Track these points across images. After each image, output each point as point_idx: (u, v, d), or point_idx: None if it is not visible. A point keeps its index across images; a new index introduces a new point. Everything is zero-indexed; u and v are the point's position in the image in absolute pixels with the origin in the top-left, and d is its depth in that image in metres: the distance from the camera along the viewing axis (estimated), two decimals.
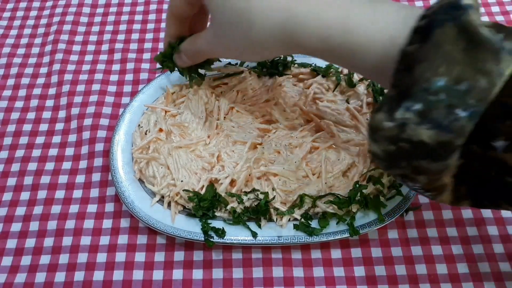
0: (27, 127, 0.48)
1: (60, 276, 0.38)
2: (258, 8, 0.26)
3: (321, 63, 0.45)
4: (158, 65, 0.42)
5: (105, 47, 0.54)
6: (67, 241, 0.40)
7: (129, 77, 0.51)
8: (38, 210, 0.42)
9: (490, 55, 0.19)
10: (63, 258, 0.39)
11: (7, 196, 0.43)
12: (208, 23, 0.35)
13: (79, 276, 0.38)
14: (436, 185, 0.22)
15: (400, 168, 0.23)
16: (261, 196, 0.38)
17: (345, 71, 0.45)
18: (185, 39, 0.38)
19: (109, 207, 0.42)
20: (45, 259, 0.39)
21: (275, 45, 0.28)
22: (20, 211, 0.42)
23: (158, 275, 0.38)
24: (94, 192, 0.43)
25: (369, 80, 0.44)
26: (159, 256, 0.39)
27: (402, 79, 0.22)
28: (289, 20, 0.25)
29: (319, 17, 0.24)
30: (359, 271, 0.38)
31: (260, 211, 0.38)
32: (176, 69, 0.42)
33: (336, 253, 0.39)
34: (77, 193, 0.43)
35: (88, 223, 0.41)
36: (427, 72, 0.20)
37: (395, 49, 0.22)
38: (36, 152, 0.46)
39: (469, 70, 0.20)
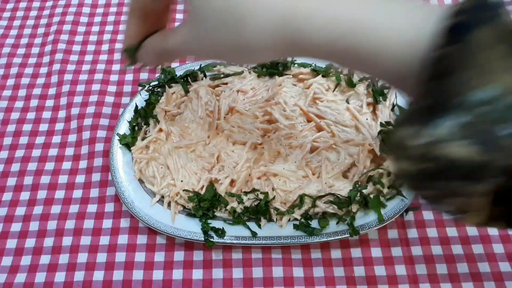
0: (27, 127, 0.48)
1: (60, 276, 0.38)
2: (253, 4, 0.22)
3: (322, 63, 0.45)
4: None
5: (105, 47, 0.54)
6: (67, 241, 0.40)
7: (129, 77, 0.51)
8: (38, 210, 0.42)
9: None
10: (63, 258, 0.39)
11: (7, 196, 0.43)
12: (176, 23, 0.28)
13: (79, 276, 0.38)
14: (473, 207, 0.19)
15: (433, 189, 0.19)
16: (261, 196, 0.38)
17: (346, 71, 0.45)
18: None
19: (109, 207, 0.42)
20: (45, 259, 0.39)
21: (271, 47, 0.23)
22: (20, 211, 0.42)
23: (158, 275, 0.38)
24: (94, 192, 0.43)
25: (369, 80, 0.44)
26: (159, 256, 0.39)
27: (434, 89, 0.18)
28: (290, 17, 0.21)
29: (327, 15, 0.21)
30: (359, 271, 0.38)
31: (260, 211, 0.38)
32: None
33: (336, 253, 0.39)
34: (77, 193, 0.43)
35: (88, 223, 0.41)
36: (473, 80, 0.17)
37: (418, 54, 0.19)
38: (36, 152, 0.46)
39: None
